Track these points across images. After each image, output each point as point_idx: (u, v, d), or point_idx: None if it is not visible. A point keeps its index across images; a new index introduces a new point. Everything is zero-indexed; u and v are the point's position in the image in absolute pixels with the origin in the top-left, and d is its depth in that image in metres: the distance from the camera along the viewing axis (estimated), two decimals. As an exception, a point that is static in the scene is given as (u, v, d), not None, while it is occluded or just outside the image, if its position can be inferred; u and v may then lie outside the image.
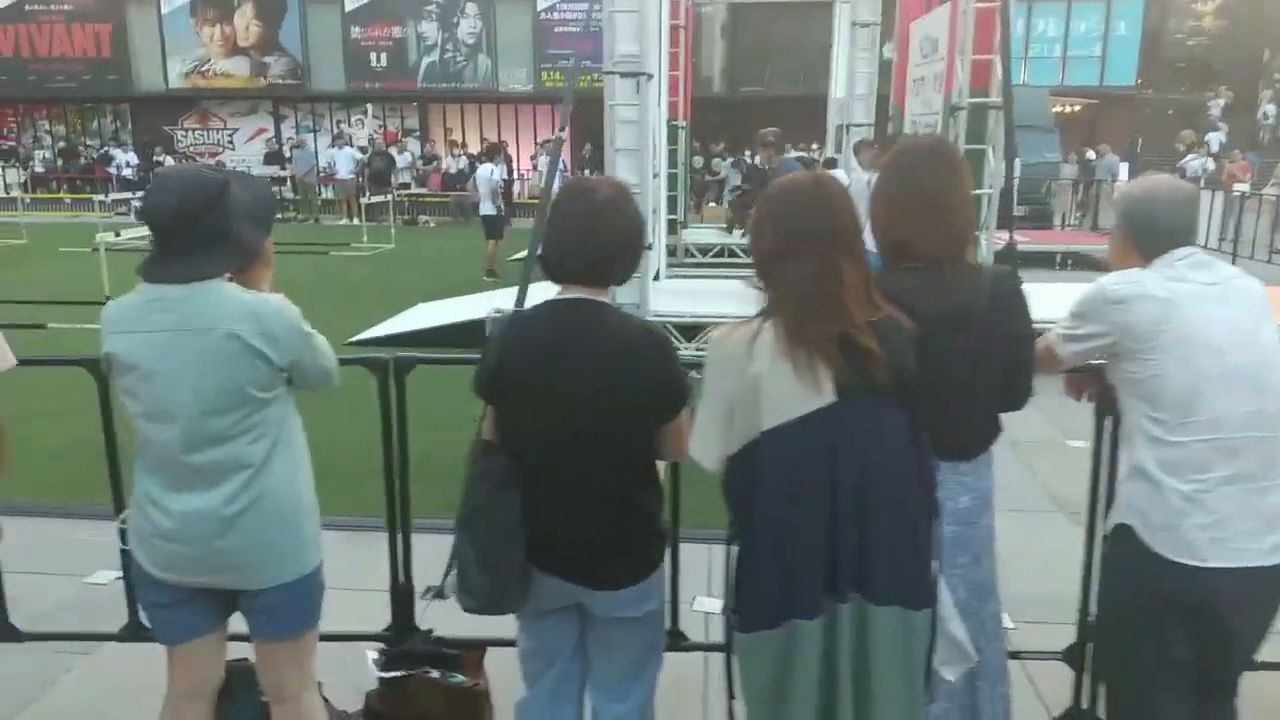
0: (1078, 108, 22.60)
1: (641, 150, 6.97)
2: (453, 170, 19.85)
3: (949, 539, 1.92)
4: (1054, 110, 18.70)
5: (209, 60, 23.41)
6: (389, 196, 17.05)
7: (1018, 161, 8.99)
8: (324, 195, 20.98)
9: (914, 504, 1.66)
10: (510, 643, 2.54)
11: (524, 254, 13.23)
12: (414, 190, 19.66)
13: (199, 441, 1.91)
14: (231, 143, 24.21)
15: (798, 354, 1.61)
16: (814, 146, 20.83)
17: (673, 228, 12.00)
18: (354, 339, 7.89)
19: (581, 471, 1.88)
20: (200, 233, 1.89)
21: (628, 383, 1.85)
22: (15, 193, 22.31)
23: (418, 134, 23.79)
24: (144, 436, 1.94)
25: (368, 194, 17.70)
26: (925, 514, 1.69)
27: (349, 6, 22.80)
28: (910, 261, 1.92)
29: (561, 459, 1.88)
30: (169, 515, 1.93)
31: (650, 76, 6.91)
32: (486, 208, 11.84)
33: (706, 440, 1.75)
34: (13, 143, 24.73)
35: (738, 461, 1.71)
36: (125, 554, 2.05)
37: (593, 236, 1.88)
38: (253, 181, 2.16)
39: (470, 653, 2.55)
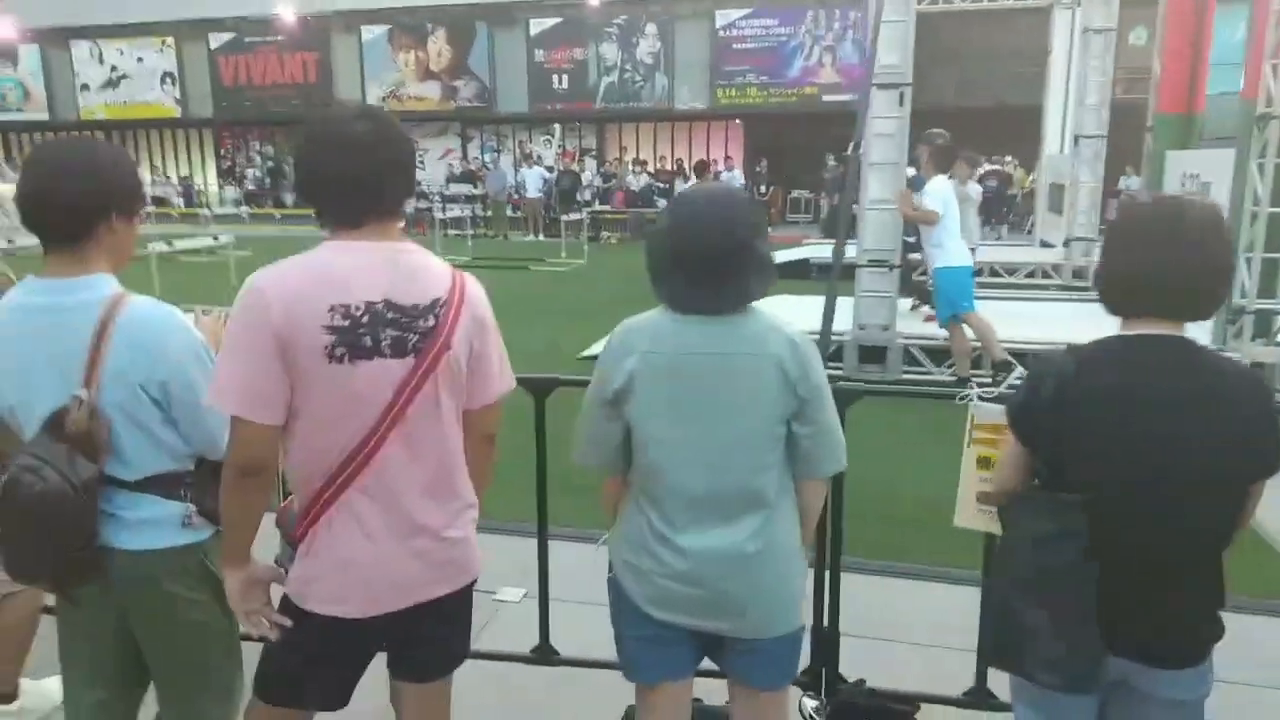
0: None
1: (899, 164, 6.69)
2: (635, 188, 20.06)
3: None
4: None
5: (403, 84, 24.72)
6: (583, 214, 17.36)
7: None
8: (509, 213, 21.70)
9: None
10: (939, 700, 2.33)
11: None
12: (599, 208, 19.95)
13: (727, 474, 1.80)
14: (422, 163, 25.45)
15: None
16: (1007, 159, 19.90)
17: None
18: (584, 354, 7.94)
19: (1163, 533, 1.62)
20: (748, 258, 1.78)
21: (1233, 437, 1.59)
22: (231, 208, 24.29)
23: (594, 153, 24.27)
24: (657, 465, 1.83)
25: (555, 211, 18.14)
26: None
27: (534, 31, 23.57)
28: None
29: (1138, 518, 1.63)
30: (681, 555, 1.82)
31: (910, 87, 6.64)
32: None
33: None
34: (230, 163, 26.95)
35: None
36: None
37: (1184, 265, 1.62)
38: None
39: (907, 709, 2.34)
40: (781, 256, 13.37)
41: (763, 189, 21.66)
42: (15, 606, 2.63)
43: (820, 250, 12.89)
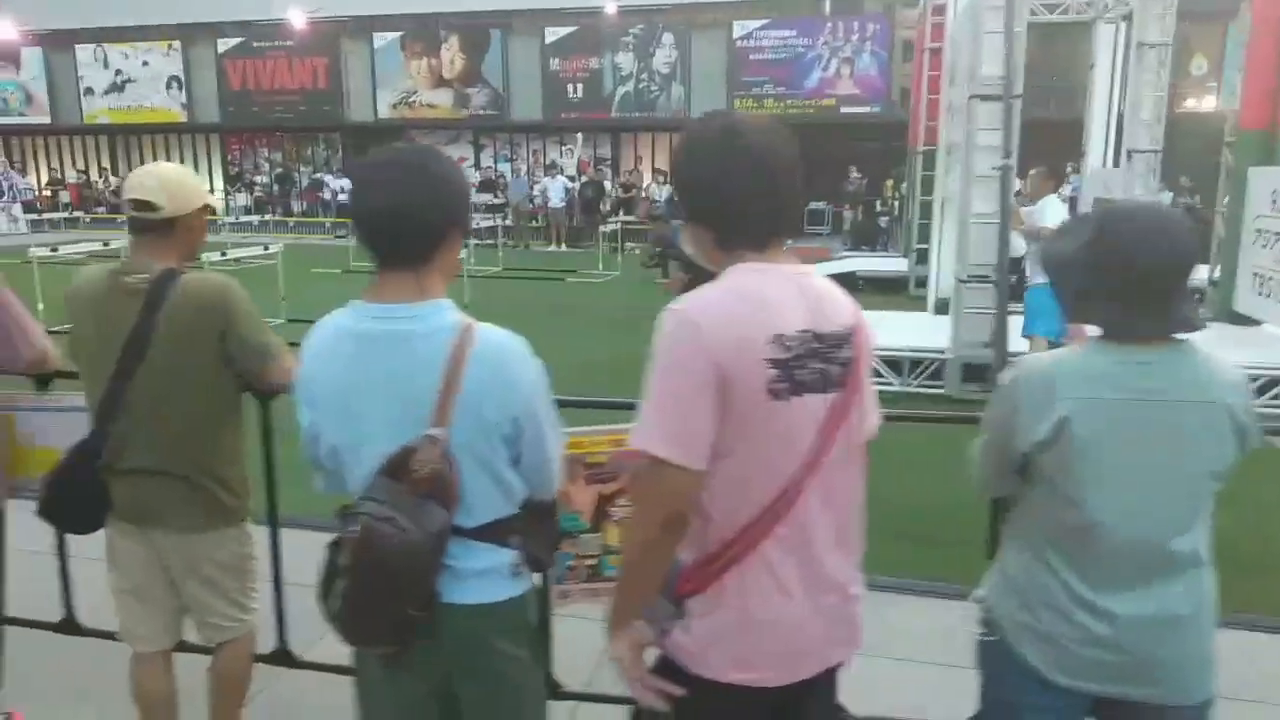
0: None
1: (1003, 178, 6.53)
2: (658, 199, 19.87)
3: None
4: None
5: (415, 92, 24.45)
6: (617, 224, 17.10)
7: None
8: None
9: None
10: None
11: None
12: (623, 218, 19.68)
13: (1165, 533, 1.62)
14: (433, 171, 25.15)
15: None
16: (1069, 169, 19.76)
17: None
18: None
19: None
20: (1189, 280, 1.61)
21: None
22: (240, 216, 23.90)
23: (610, 162, 24.08)
24: (1085, 524, 1.63)
25: (578, 221, 17.92)
26: None
27: (549, 39, 23.39)
28: None
29: None
30: (1107, 620, 1.63)
31: (1019, 98, 6.48)
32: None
33: None
34: (238, 169, 26.57)
35: None
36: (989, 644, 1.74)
37: None
38: None
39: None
40: (825, 270, 13.25)
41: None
42: (233, 654, 2.41)
43: (867, 264, 12.77)
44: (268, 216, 23.55)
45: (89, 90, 26.04)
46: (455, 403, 1.55)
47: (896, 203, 18.69)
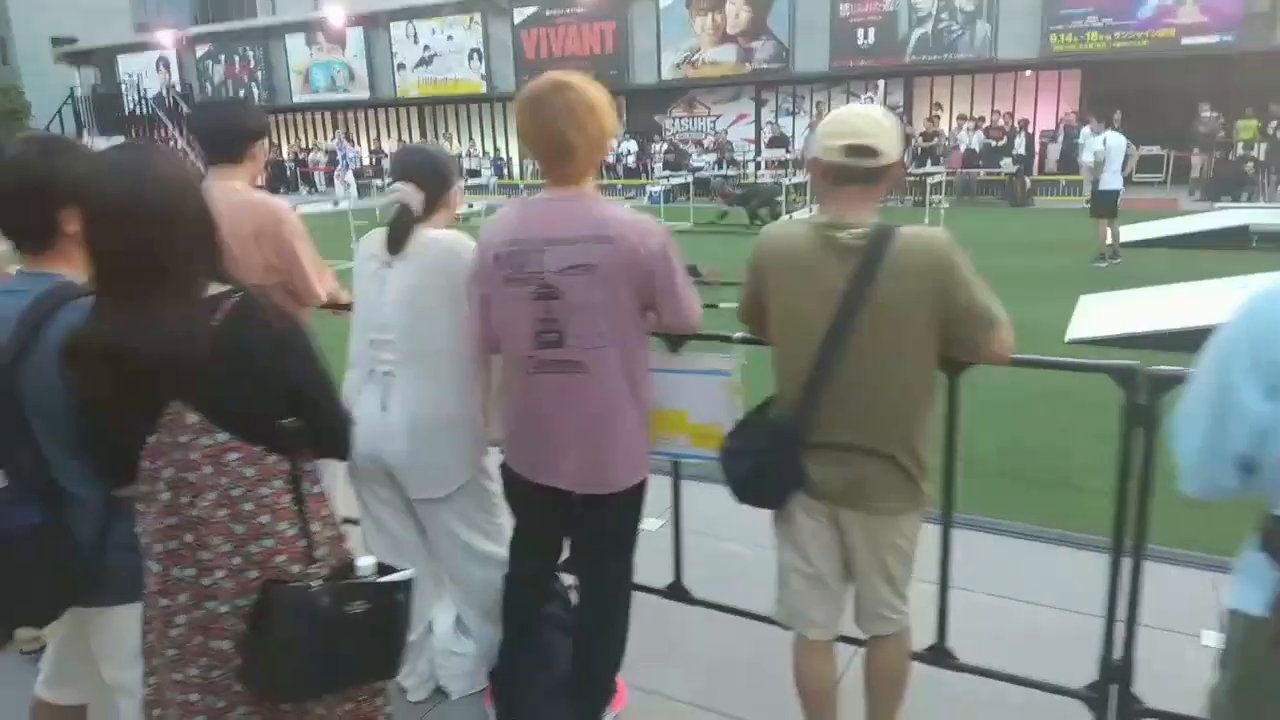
0: None
1: None
2: (975, 147, 18.45)
3: None
4: None
5: (699, 50, 24.30)
6: (940, 175, 16.04)
7: None
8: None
9: None
10: None
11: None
12: (930, 168, 18.42)
13: None
14: (714, 129, 25.06)
15: None
16: None
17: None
18: (1078, 338, 6.90)
19: None
20: None
21: None
22: (536, 180, 25.10)
23: (900, 110, 22.70)
24: None
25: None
26: None
27: (840, -17, 22.31)
28: None
29: None
30: None
31: None
32: (1113, 181, 10.30)
33: None
34: (529, 135, 27.96)
35: None
36: None
37: None
38: None
39: None
40: (1203, 223, 11.51)
41: (1105, 142, 19.16)
42: (894, 648, 2.16)
43: (1262, 216, 10.91)
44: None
45: (401, 65, 28.31)
46: None
47: (1264, 146, 16.02)
